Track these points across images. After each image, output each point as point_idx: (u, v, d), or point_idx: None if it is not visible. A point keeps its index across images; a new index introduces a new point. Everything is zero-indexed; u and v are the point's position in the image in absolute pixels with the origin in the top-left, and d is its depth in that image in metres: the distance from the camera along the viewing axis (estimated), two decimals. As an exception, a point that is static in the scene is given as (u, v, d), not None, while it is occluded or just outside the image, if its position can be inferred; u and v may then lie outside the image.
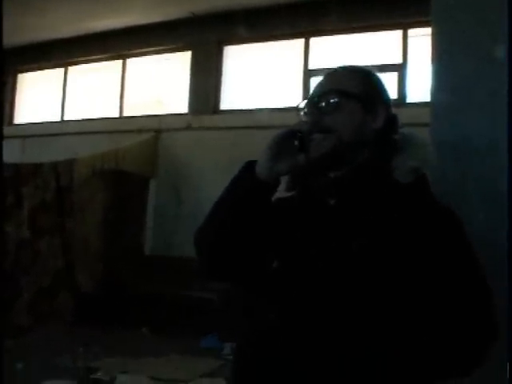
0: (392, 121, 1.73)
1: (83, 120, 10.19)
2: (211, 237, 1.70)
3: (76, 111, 10.51)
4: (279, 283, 1.61)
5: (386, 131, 1.69)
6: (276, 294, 1.61)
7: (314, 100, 1.70)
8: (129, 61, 10.11)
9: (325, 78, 1.77)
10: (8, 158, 7.47)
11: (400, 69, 7.84)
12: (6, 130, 10.32)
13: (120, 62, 10.15)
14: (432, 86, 2.17)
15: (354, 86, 1.69)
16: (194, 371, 6.10)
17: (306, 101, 1.74)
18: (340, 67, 1.80)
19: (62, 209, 7.46)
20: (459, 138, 2.09)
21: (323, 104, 1.67)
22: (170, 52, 9.74)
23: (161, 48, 9.70)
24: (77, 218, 7.63)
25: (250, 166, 1.64)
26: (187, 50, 9.49)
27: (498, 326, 1.52)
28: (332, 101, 1.66)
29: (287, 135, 1.62)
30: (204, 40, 9.18)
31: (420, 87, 7.32)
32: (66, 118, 10.65)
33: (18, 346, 5.88)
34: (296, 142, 1.60)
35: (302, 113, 1.74)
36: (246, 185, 1.62)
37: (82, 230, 7.74)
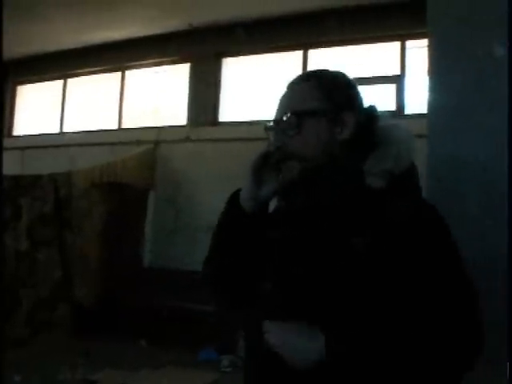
0: (366, 122, 1.66)
1: (82, 132, 10.22)
2: (214, 274, 1.77)
3: (75, 123, 10.53)
4: (271, 305, 1.61)
5: (358, 137, 1.62)
6: (269, 317, 1.58)
7: (277, 123, 1.67)
8: (128, 73, 10.13)
9: (286, 94, 1.73)
10: (7, 169, 7.47)
11: (398, 80, 7.85)
12: (5, 142, 10.36)
13: (119, 73, 10.17)
14: (428, 98, 2.18)
15: (315, 101, 1.63)
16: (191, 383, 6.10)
17: (272, 121, 1.70)
18: (300, 77, 1.75)
19: (60, 221, 7.46)
20: (456, 149, 2.10)
21: (286, 127, 1.63)
22: (169, 64, 9.76)
23: (160, 60, 9.72)
24: (75, 230, 7.63)
25: (235, 198, 1.70)
26: (186, 61, 9.52)
27: (483, 337, 1.49)
28: (294, 124, 1.62)
29: (262, 160, 1.64)
30: (203, 52, 9.20)
31: (418, 98, 7.33)
32: (64, 130, 10.67)
33: (16, 358, 5.87)
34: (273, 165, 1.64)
35: (270, 133, 1.71)
36: (234, 220, 1.68)
37: (80, 242, 7.73)
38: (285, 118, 1.63)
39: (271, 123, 1.70)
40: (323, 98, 1.63)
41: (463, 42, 2.15)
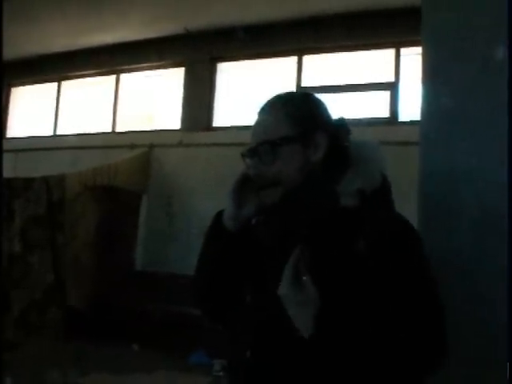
0: (337, 137, 1.73)
1: (76, 135, 10.20)
2: (200, 289, 1.88)
3: (69, 126, 10.51)
4: (251, 318, 1.69)
5: (331, 154, 1.70)
6: (249, 329, 1.68)
7: (253, 151, 1.74)
8: (122, 76, 10.13)
9: (258, 122, 1.80)
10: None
11: (392, 87, 7.87)
12: (-1, 144, 10.33)
13: (113, 77, 10.17)
14: (421, 106, 2.19)
15: (286, 127, 1.70)
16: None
17: (248, 148, 1.77)
18: (270, 104, 1.81)
19: (53, 223, 7.43)
20: (449, 159, 2.10)
21: (262, 156, 1.71)
22: (164, 68, 9.76)
23: (154, 64, 9.72)
24: (68, 233, 7.60)
25: (218, 218, 1.79)
26: (180, 66, 9.52)
27: (446, 345, 1.55)
28: (269, 153, 1.69)
29: (242, 182, 1.74)
30: (197, 56, 9.21)
31: (412, 106, 7.35)
32: (58, 133, 10.65)
33: (6, 361, 5.85)
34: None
35: (246, 160, 1.78)
36: (219, 240, 1.77)
37: (73, 245, 7.70)
38: (260, 147, 1.71)
39: (247, 151, 1.77)
40: (294, 123, 1.71)
41: (458, 47, 2.15)
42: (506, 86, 1.97)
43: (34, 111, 11.11)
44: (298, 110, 1.74)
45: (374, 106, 7.96)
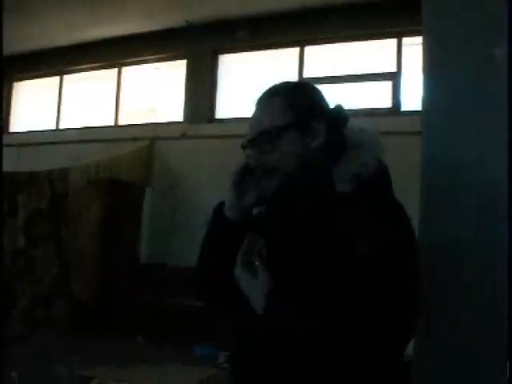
0: (335, 124, 1.74)
1: (78, 128, 10.20)
2: (202, 280, 1.90)
3: (71, 120, 10.52)
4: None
5: (330, 141, 1.71)
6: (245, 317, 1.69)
7: (252, 141, 1.75)
8: (124, 69, 10.12)
9: (256, 113, 1.81)
10: (3, 166, 7.45)
11: (394, 77, 7.86)
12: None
13: (115, 70, 10.16)
14: (423, 96, 2.18)
15: (284, 116, 1.72)
16: (188, 380, 6.11)
17: (247, 139, 1.78)
18: (267, 94, 1.82)
19: (57, 217, 7.45)
20: (451, 149, 2.10)
21: (261, 145, 1.72)
22: (166, 61, 9.75)
23: (156, 57, 9.71)
24: (72, 227, 7.62)
25: (219, 209, 1.80)
26: (182, 58, 9.51)
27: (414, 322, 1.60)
28: (267, 142, 1.71)
29: (242, 172, 1.74)
30: (199, 49, 9.20)
31: (414, 96, 7.33)
32: (61, 127, 10.66)
33: (12, 355, 5.87)
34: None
35: (246, 151, 1.79)
36: (220, 230, 1.79)
37: (77, 239, 7.73)
38: (259, 137, 1.73)
39: (247, 141, 1.78)
40: (291, 112, 1.72)
41: (459, 36, 2.14)
42: (507, 76, 1.96)
43: (36, 105, 11.12)
44: (295, 98, 1.75)
45: (376, 96, 7.95)
